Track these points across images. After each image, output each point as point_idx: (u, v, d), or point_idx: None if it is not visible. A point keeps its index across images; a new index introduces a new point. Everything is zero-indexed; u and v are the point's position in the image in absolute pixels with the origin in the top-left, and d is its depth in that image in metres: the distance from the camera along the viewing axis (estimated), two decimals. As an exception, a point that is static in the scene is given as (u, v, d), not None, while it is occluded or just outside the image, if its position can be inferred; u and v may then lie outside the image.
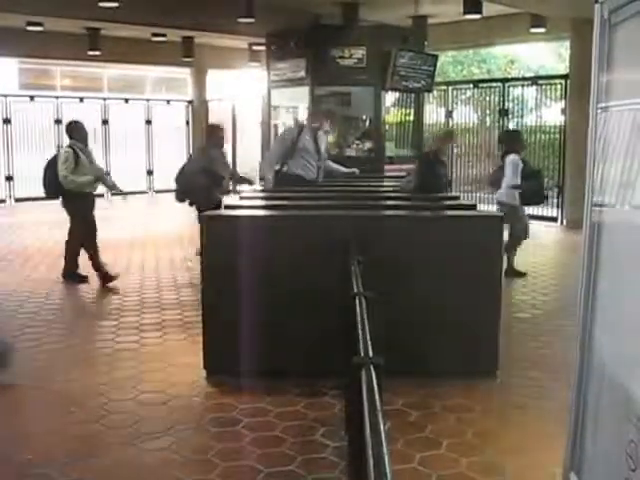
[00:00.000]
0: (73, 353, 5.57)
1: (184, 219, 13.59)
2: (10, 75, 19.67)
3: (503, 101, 14.30)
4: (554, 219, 13.18)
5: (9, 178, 16.58)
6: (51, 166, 7.81)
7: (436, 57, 13.33)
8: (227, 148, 9.06)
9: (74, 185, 7.63)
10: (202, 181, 7.88)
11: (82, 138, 7.92)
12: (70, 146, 7.80)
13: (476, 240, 4.94)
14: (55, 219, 14.24)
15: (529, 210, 13.59)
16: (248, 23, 11.67)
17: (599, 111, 2.71)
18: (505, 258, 7.80)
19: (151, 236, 11.73)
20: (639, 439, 2.16)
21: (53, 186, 7.73)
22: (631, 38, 2.47)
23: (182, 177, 8.18)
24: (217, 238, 4.94)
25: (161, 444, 3.91)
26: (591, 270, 2.72)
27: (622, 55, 2.57)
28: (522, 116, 14.55)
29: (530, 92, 14.40)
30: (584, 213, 2.80)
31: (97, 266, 7.83)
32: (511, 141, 8.40)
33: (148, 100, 19.90)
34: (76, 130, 7.94)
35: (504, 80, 15.87)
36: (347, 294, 3.29)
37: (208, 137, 8.71)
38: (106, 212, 16.40)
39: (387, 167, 12.29)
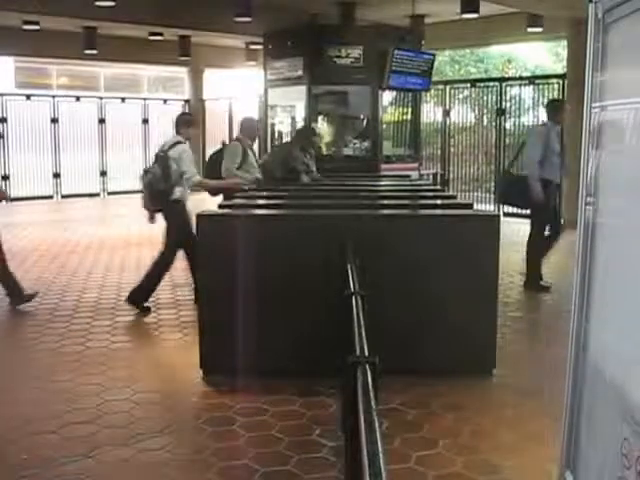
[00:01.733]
0: (68, 353, 5.56)
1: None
2: (6, 74, 19.66)
3: (500, 100, 14.31)
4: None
5: (5, 177, 16.55)
6: (213, 160, 7.71)
7: (433, 56, 13.34)
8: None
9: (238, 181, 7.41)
10: (278, 174, 8.02)
11: (250, 134, 7.78)
12: (238, 140, 7.68)
13: (473, 239, 4.94)
14: (53, 219, 14.28)
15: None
16: (245, 22, 11.66)
17: (594, 110, 2.71)
18: None
19: (147, 235, 11.70)
20: (633, 437, 2.16)
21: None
22: (625, 37, 2.47)
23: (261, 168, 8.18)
24: (212, 237, 4.94)
25: (157, 444, 3.91)
26: (585, 269, 2.72)
27: (616, 54, 2.57)
28: (519, 115, 14.57)
29: (527, 92, 14.42)
30: (578, 212, 2.80)
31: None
32: None
33: (145, 99, 19.90)
34: (246, 125, 7.84)
35: (501, 79, 15.90)
36: (343, 293, 3.29)
37: (297, 137, 8.92)
38: (102, 211, 16.48)
39: (384, 166, 12.29)
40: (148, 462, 3.73)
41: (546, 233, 7.72)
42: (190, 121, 7.06)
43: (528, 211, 8.19)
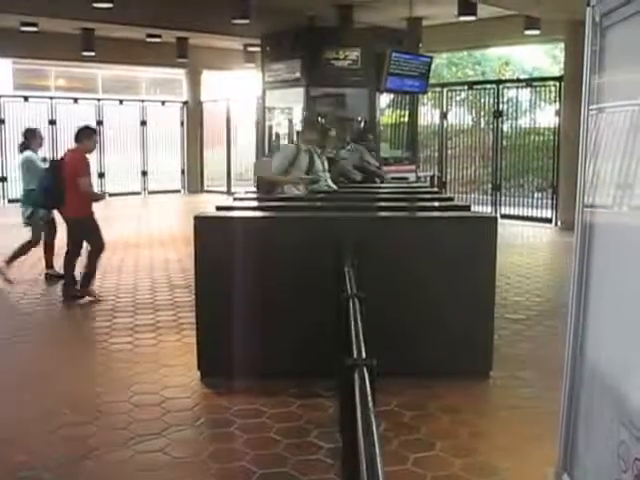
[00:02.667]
0: (67, 354, 5.56)
1: (177, 220, 13.60)
2: (4, 75, 19.63)
3: (497, 103, 14.34)
4: (549, 220, 13.22)
5: (2, 179, 16.53)
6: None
7: (431, 59, 13.36)
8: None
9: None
10: (358, 177, 8.50)
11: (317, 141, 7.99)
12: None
13: (470, 241, 4.95)
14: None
15: (519, 211, 13.75)
16: (243, 24, 11.68)
17: (591, 113, 2.72)
18: None
19: (145, 236, 11.72)
20: (631, 441, 2.17)
21: None
22: (622, 41, 2.49)
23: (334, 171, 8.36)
24: (210, 240, 4.94)
25: (155, 445, 3.91)
26: (583, 272, 2.73)
27: (613, 57, 2.59)
28: (516, 118, 14.59)
29: (524, 94, 14.45)
30: (576, 214, 2.81)
31: None
32: None
33: (143, 101, 19.91)
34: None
35: (498, 82, 15.92)
36: (341, 295, 3.30)
37: (362, 138, 9.43)
38: (100, 213, 16.45)
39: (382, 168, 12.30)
40: (146, 464, 3.73)
41: None
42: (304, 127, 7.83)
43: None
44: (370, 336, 2.59)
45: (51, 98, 17.84)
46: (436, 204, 6.58)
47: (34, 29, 13.55)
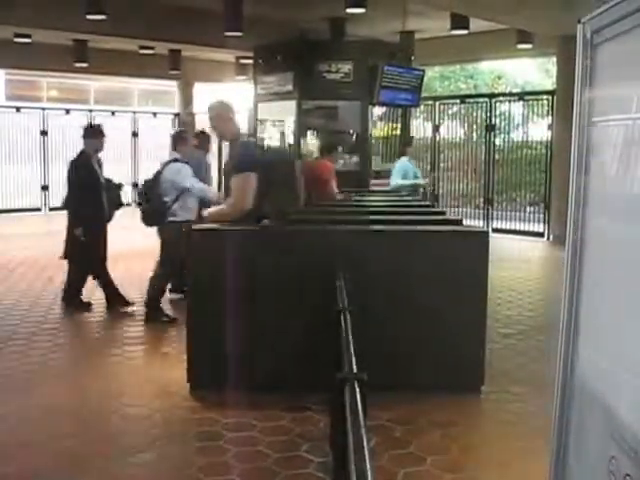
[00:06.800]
0: (55, 366, 5.52)
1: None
2: (-4, 86, 19.64)
3: (490, 117, 14.40)
4: (540, 234, 13.26)
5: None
6: None
7: (423, 72, 13.42)
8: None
9: None
10: None
11: None
12: None
13: (462, 255, 4.95)
14: (41, 231, 14.20)
15: (511, 225, 13.80)
16: (235, 37, 11.71)
17: (582, 127, 2.73)
18: None
19: (133, 249, 11.65)
20: (621, 455, 2.16)
21: None
22: (612, 58, 2.50)
23: None
24: (203, 252, 4.93)
25: (144, 459, 3.88)
26: (573, 287, 2.72)
27: (604, 74, 2.60)
28: (509, 132, 14.66)
29: (517, 108, 14.52)
30: (567, 229, 2.81)
31: None
32: None
33: (135, 112, 19.91)
34: None
35: (491, 96, 15.99)
36: (333, 309, 3.29)
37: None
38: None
39: (373, 181, 12.33)
40: (135, 477, 3.70)
41: None
42: None
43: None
44: (361, 350, 2.58)
45: (43, 109, 17.81)
46: (428, 218, 6.58)
47: (27, 40, 13.54)
